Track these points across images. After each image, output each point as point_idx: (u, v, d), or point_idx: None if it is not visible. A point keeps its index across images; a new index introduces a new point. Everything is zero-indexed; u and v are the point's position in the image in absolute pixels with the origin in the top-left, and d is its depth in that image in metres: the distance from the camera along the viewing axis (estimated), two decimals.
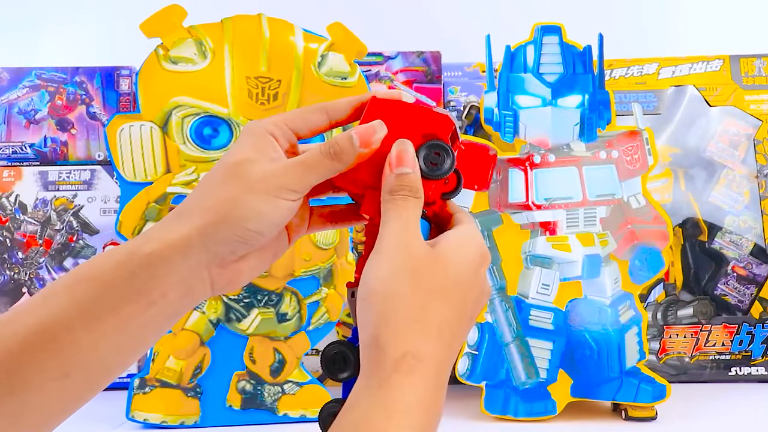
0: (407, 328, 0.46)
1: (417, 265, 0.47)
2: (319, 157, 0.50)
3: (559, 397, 0.96)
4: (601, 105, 0.97)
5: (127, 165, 0.95)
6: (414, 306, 0.46)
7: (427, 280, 0.47)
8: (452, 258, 0.48)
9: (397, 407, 0.44)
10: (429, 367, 0.45)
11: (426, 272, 0.47)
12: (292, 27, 0.99)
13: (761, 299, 1.13)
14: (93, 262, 0.49)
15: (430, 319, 0.46)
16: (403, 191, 0.50)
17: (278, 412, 0.96)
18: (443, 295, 0.47)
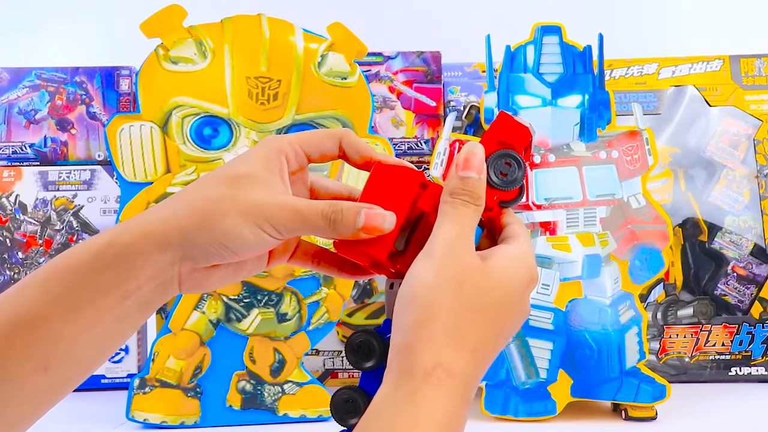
0: (443, 341, 0.45)
1: (465, 278, 0.46)
2: (317, 216, 0.49)
3: (559, 397, 0.96)
4: (601, 105, 0.97)
5: (127, 165, 0.95)
6: (454, 319, 0.46)
7: (472, 295, 0.46)
8: (501, 277, 0.48)
9: (423, 420, 0.43)
10: (459, 382, 0.45)
11: (472, 287, 0.47)
12: (292, 27, 0.99)
13: (761, 299, 1.13)
14: (70, 252, 0.48)
15: (468, 335, 0.46)
16: (465, 196, 0.48)
17: (278, 412, 0.96)
18: (485, 314, 0.47)
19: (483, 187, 0.49)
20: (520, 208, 0.97)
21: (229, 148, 0.96)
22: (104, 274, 0.47)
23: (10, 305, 0.46)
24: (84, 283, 0.46)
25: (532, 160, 0.96)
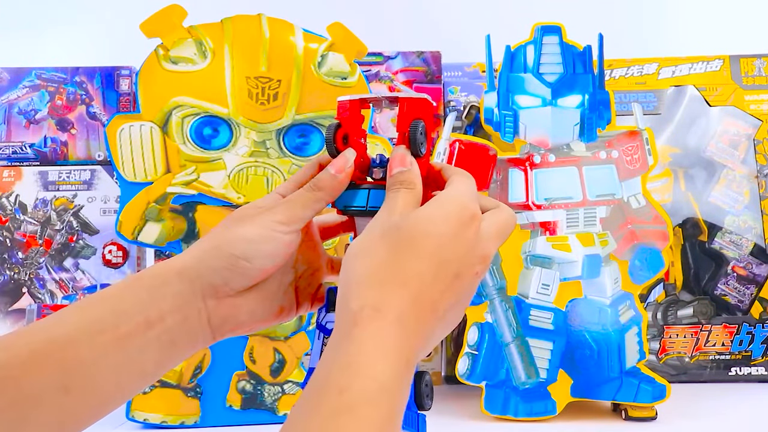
0: (368, 283, 0.46)
1: (387, 228, 0.48)
2: (303, 192, 0.54)
3: (559, 397, 0.96)
4: (601, 105, 0.97)
5: (127, 165, 0.95)
6: (378, 262, 0.47)
7: (394, 238, 0.48)
8: (422, 214, 0.49)
9: (355, 359, 0.43)
10: (389, 317, 0.45)
11: (395, 232, 0.48)
12: (292, 27, 0.99)
13: (761, 299, 1.13)
14: (108, 287, 0.52)
15: (394, 272, 0.46)
16: (395, 185, 0.51)
17: (278, 412, 0.96)
18: (410, 248, 0.47)
19: (413, 173, 0.52)
20: (520, 208, 0.97)
21: (229, 148, 0.96)
22: (129, 301, 0.50)
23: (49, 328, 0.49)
24: (111, 309, 0.50)
25: (532, 160, 0.96)
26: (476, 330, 0.96)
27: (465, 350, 0.97)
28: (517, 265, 0.97)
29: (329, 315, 0.54)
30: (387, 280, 0.46)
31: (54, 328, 0.49)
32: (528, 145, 0.97)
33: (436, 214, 0.49)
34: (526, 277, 0.97)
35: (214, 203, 0.96)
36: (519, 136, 0.97)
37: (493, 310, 0.96)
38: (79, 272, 1.09)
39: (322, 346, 0.53)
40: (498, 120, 0.98)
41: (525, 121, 0.97)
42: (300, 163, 0.98)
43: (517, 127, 0.97)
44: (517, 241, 0.97)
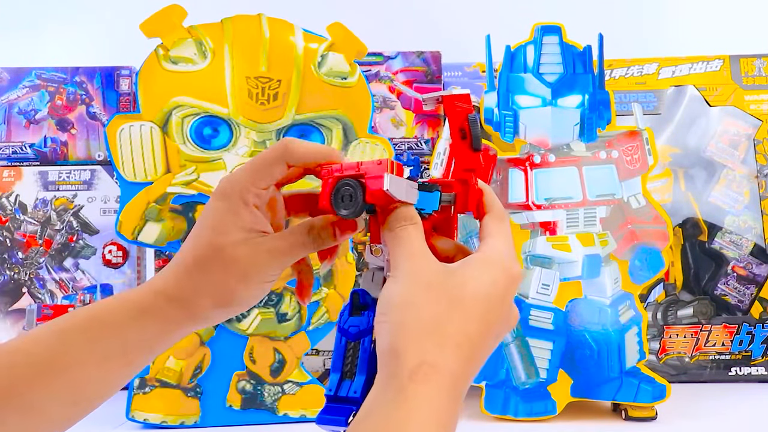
0: (424, 338, 0.46)
1: (432, 279, 0.48)
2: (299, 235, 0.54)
3: (559, 397, 0.96)
4: (601, 105, 0.97)
5: (127, 165, 0.95)
6: (431, 317, 0.46)
7: (444, 292, 0.47)
8: (469, 273, 0.48)
9: (412, 417, 0.43)
10: (445, 378, 0.45)
11: (441, 285, 0.48)
12: (292, 27, 0.99)
13: (761, 299, 1.13)
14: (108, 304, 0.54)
15: (448, 331, 0.46)
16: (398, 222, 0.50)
17: (278, 412, 0.96)
18: (461, 308, 0.47)
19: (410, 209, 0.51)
20: (521, 208, 0.97)
21: (229, 148, 0.96)
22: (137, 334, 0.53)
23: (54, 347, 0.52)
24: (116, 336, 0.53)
25: (532, 160, 0.96)
26: None
27: None
28: None
29: (351, 319, 0.52)
30: (441, 340, 0.46)
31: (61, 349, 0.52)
32: (528, 145, 0.97)
33: (484, 277, 0.48)
34: (526, 277, 0.97)
35: None
36: (519, 136, 0.97)
37: None
38: (79, 272, 1.09)
39: (344, 351, 0.52)
40: (498, 120, 0.98)
41: (525, 121, 0.97)
42: None
43: (517, 127, 0.97)
44: (517, 241, 0.97)
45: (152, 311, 0.53)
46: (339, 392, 0.51)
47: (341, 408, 0.50)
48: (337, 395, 0.50)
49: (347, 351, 0.52)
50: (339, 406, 0.50)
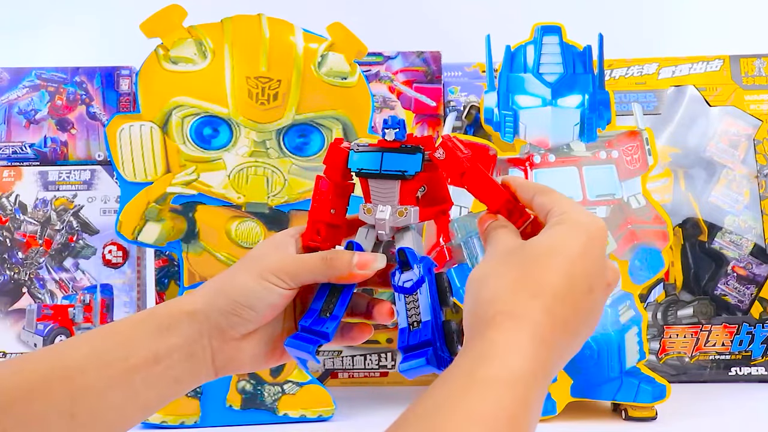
0: (500, 296, 0.46)
1: (511, 250, 0.48)
2: (316, 260, 0.55)
3: (559, 397, 0.96)
4: (601, 105, 0.97)
5: (127, 165, 0.95)
6: (509, 279, 0.46)
7: (520, 258, 0.47)
8: (546, 237, 0.48)
9: (488, 352, 0.43)
10: (524, 322, 0.44)
11: (520, 253, 0.48)
12: (292, 27, 0.99)
13: (761, 299, 1.13)
14: (119, 320, 0.55)
15: (527, 283, 0.46)
16: (492, 226, 0.52)
17: (278, 412, 0.96)
18: (538, 265, 0.46)
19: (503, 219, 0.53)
20: None
21: (229, 148, 0.96)
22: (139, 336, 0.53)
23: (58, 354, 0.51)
24: (121, 342, 0.52)
25: (532, 160, 0.96)
26: None
27: None
28: None
29: (404, 274, 0.55)
30: (519, 291, 0.45)
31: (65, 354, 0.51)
32: (528, 145, 0.97)
33: (560, 236, 0.48)
34: None
35: (214, 203, 0.96)
36: (519, 136, 0.97)
37: None
38: (79, 272, 1.09)
39: (406, 306, 0.54)
40: (498, 120, 0.98)
41: (525, 121, 0.97)
42: (300, 163, 0.98)
43: (517, 127, 0.97)
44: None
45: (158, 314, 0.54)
46: (410, 341, 0.53)
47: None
48: (409, 344, 0.53)
49: (407, 305, 0.54)
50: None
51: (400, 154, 0.55)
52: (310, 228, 0.58)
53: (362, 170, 0.56)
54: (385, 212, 0.55)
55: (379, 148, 0.56)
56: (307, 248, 0.58)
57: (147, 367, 0.51)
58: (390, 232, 0.56)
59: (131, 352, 0.51)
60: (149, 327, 0.53)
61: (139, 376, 0.51)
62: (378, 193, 0.56)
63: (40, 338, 1.07)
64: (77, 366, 0.50)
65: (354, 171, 0.57)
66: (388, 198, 0.56)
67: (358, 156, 0.57)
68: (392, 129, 0.56)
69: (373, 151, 0.56)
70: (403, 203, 0.55)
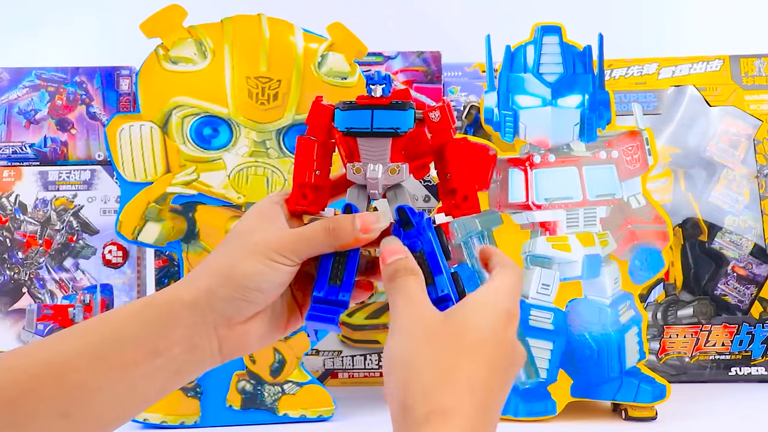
0: (431, 389, 0.45)
1: (432, 330, 0.48)
2: (318, 231, 0.53)
3: (559, 397, 0.96)
4: (601, 105, 0.97)
5: (127, 165, 0.95)
6: (436, 367, 0.46)
7: (445, 342, 0.47)
8: (468, 319, 0.48)
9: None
10: (457, 419, 0.44)
11: (442, 335, 0.47)
12: (292, 27, 0.99)
13: (761, 299, 1.13)
14: (111, 311, 0.52)
15: (457, 377, 0.46)
16: (399, 273, 0.51)
17: (278, 412, 0.96)
18: (466, 354, 0.47)
19: (411, 261, 0.52)
20: (521, 208, 0.97)
21: (229, 148, 0.96)
22: (136, 329, 0.50)
23: (47, 352, 0.48)
24: (117, 336, 0.49)
25: (532, 160, 0.96)
26: None
27: None
28: None
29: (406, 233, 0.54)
30: (451, 388, 0.45)
31: (56, 351, 0.48)
32: (528, 145, 0.97)
33: (483, 319, 0.48)
34: (526, 277, 0.97)
35: (214, 203, 0.96)
36: (519, 136, 0.97)
37: None
38: (79, 272, 1.09)
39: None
40: (498, 120, 0.98)
41: (525, 121, 0.97)
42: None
43: (517, 127, 0.97)
44: (517, 241, 0.97)
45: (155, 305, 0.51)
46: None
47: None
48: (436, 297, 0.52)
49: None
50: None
51: (392, 111, 0.54)
52: (296, 192, 0.56)
53: (351, 129, 0.54)
54: (377, 171, 0.54)
55: (367, 105, 0.54)
56: (294, 213, 0.56)
57: (146, 361, 0.49)
58: (382, 191, 0.55)
59: (127, 346, 0.49)
60: (146, 319, 0.50)
61: (137, 370, 0.49)
62: (368, 151, 0.54)
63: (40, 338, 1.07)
64: (71, 362, 0.47)
65: (341, 130, 0.54)
66: (380, 156, 0.54)
67: (345, 114, 0.54)
68: (379, 85, 0.54)
69: (361, 108, 0.54)
70: (393, 161, 0.54)
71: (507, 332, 0.49)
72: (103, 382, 0.48)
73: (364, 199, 0.55)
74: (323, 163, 0.56)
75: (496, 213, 0.97)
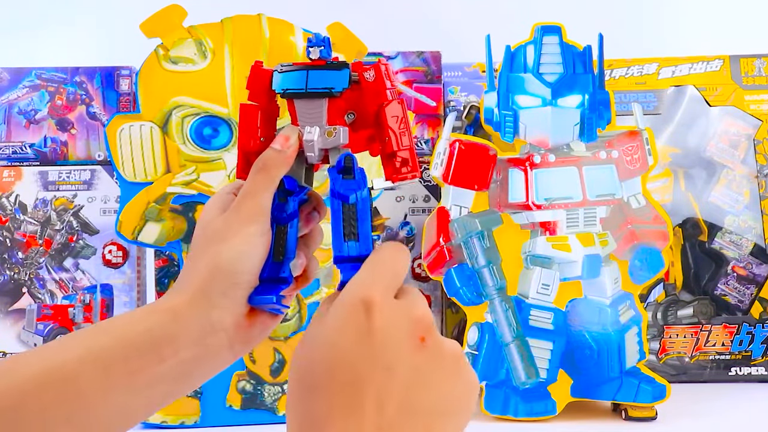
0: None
1: (294, 374, 0.44)
2: (254, 179, 0.52)
3: (559, 397, 0.96)
4: (601, 105, 0.97)
5: (127, 165, 0.95)
6: (302, 420, 0.42)
7: (300, 384, 0.43)
8: (315, 337, 0.43)
9: None
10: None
11: (297, 376, 0.44)
12: (292, 27, 0.99)
13: (761, 299, 1.13)
14: (113, 318, 0.51)
15: (312, 420, 0.41)
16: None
17: (278, 412, 0.96)
18: (317, 386, 0.42)
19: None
20: (521, 208, 0.97)
21: (229, 148, 0.96)
22: (140, 336, 0.48)
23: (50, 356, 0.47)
24: (120, 342, 0.48)
25: (532, 160, 0.96)
26: (476, 330, 0.96)
27: (465, 350, 0.97)
28: (517, 265, 0.97)
29: (344, 180, 0.51)
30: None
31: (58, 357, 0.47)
32: (528, 145, 0.97)
33: (332, 329, 0.43)
34: (526, 277, 0.97)
35: None
36: (519, 136, 0.97)
37: (493, 310, 0.95)
38: (79, 272, 1.09)
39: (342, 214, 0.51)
40: (498, 120, 0.98)
41: (525, 121, 0.97)
42: None
43: (517, 127, 0.97)
44: (517, 241, 0.97)
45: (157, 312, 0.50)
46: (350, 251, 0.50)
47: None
48: (349, 254, 0.50)
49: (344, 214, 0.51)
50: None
51: (326, 71, 0.53)
52: (242, 160, 0.55)
53: (287, 90, 0.53)
54: (312, 133, 0.53)
55: (303, 66, 0.53)
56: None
57: (150, 367, 0.48)
58: (320, 155, 0.53)
59: (130, 351, 0.48)
60: (150, 326, 0.49)
61: (141, 377, 0.48)
62: (304, 114, 0.53)
63: (40, 338, 1.07)
64: (72, 369, 0.46)
65: (278, 92, 0.54)
66: (315, 118, 0.53)
67: (282, 76, 0.54)
68: (317, 47, 0.53)
69: (297, 70, 0.53)
70: (331, 123, 0.53)
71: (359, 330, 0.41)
72: (105, 389, 0.47)
73: (301, 164, 0.54)
74: (267, 129, 0.55)
75: (496, 213, 0.97)
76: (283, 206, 0.54)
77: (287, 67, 0.54)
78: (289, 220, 0.54)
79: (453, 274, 0.95)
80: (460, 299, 0.96)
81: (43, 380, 0.46)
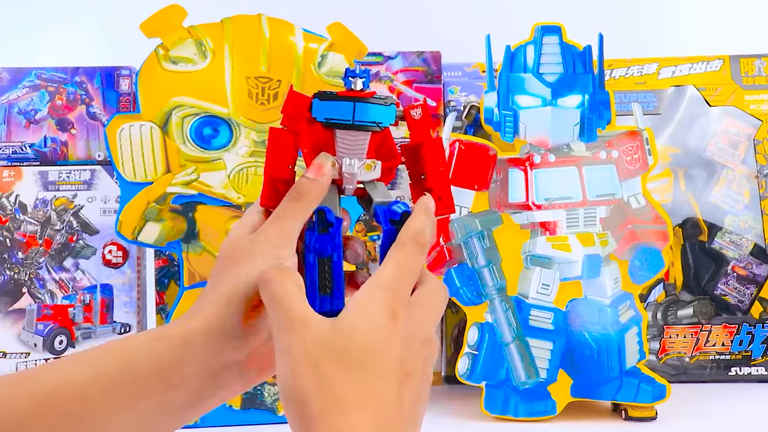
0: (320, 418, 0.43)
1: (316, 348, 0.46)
2: (287, 205, 0.51)
3: (559, 397, 0.96)
4: (601, 105, 0.97)
5: (127, 165, 0.95)
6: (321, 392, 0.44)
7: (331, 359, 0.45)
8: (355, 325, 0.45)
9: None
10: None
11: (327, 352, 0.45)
12: (292, 27, 0.99)
13: (761, 299, 1.13)
14: (122, 340, 0.50)
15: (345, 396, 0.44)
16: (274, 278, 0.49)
17: (278, 412, 0.96)
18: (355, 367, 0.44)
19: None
20: (521, 208, 0.97)
21: (229, 148, 0.96)
22: (149, 361, 0.47)
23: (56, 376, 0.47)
24: (128, 366, 0.47)
25: (532, 160, 0.96)
26: (476, 330, 0.96)
27: (465, 350, 0.97)
28: (517, 265, 0.97)
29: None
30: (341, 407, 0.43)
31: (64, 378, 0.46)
32: (528, 145, 0.97)
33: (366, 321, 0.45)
34: (526, 277, 0.97)
35: (214, 203, 0.96)
36: (519, 136, 0.97)
37: (493, 310, 0.96)
38: (79, 272, 1.09)
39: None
40: (498, 120, 0.98)
41: (525, 121, 0.97)
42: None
43: (517, 127, 0.97)
44: (517, 241, 0.97)
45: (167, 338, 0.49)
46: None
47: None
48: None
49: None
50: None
51: (375, 105, 0.52)
52: (268, 187, 0.53)
53: (331, 119, 0.53)
54: (353, 165, 0.52)
55: (349, 97, 0.53)
56: (267, 212, 0.53)
57: (159, 394, 0.47)
58: (354, 187, 0.53)
59: (139, 377, 0.47)
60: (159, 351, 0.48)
61: (148, 402, 0.47)
62: (347, 145, 0.53)
63: (40, 338, 1.07)
64: (78, 391, 0.46)
65: (320, 120, 0.53)
66: (357, 151, 0.52)
67: (326, 104, 0.53)
68: (359, 78, 0.53)
69: (343, 100, 0.53)
70: (369, 156, 0.53)
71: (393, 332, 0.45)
72: (111, 413, 0.46)
73: (334, 194, 0.53)
74: (294, 156, 0.55)
75: (496, 213, 0.97)
76: (325, 238, 0.52)
77: (329, 95, 0.54)
78: (334, 251, 0.52)
79: (453, 274, 0.96)
80: (460, 299, 0.96)
81: (48, 399, 0.45)
